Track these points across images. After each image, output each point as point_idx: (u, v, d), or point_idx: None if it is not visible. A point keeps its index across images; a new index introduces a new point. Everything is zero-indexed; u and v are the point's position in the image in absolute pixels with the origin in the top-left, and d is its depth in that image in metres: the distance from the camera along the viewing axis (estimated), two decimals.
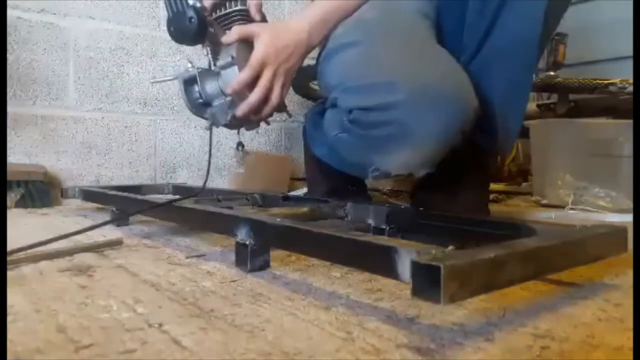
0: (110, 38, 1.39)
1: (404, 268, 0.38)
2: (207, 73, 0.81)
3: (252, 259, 0.59)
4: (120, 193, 0.96)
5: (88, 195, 1.05)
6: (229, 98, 0.79)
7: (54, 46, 1.31)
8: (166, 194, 1.20)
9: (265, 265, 0.60)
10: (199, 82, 0.80)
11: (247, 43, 0.79)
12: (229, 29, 0.81)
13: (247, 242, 0.58)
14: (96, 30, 1.37)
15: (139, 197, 0.93)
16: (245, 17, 0.84)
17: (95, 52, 1.37)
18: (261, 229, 0.58)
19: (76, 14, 1.34)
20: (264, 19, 0.87)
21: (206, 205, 0.75)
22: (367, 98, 0.73)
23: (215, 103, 0.81)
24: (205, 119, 0.82)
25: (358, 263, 0.46)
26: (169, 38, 0.77)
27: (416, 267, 0.36)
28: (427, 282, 0.35)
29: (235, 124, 0.84)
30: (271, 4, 1.62)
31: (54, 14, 1.30)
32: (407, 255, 0.38)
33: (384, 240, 0.47)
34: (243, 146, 0.90)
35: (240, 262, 0.60)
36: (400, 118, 0.69)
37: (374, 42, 0.77)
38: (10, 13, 1.24)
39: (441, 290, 0.33)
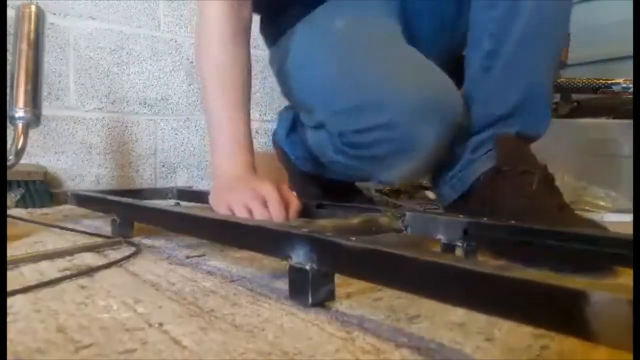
0: (110, 38, 1.39)
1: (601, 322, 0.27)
2: None
3: (313, 289, 0.45)
4: (121, 199, 0.82)
5: (83, 200, 0.94)
6: None
7: (54, 46, 1.31)
8: (170, 198, 1.13)
9: (330, 297, 0.46)
10: None
11: None
12: None
13: (307, 267, 0.45)
14: (96, 30, 1.37)
15: (140, 202, 0.81)
16: None
17: (95, 52, 1.37)
18: (328, 251, 0.44)
19: (76, 14, 1.34)
20: None
21: (246, 219, 0.62)
22: (358, 120, 0.73)
23: None
24: None
25: (527, 315, 0.30)
26: (169, 38, 0.77)
27: None
28: None
29: None
30: None
31: (54, 13, 1.30)
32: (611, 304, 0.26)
33: (568, 281, 0.28)
34: None
35: (296, 292, 0.46)
36: (398, 135, 0.69)
37: (351, 56, 0.77)
38: (10, 13, 1.23)
39: None
